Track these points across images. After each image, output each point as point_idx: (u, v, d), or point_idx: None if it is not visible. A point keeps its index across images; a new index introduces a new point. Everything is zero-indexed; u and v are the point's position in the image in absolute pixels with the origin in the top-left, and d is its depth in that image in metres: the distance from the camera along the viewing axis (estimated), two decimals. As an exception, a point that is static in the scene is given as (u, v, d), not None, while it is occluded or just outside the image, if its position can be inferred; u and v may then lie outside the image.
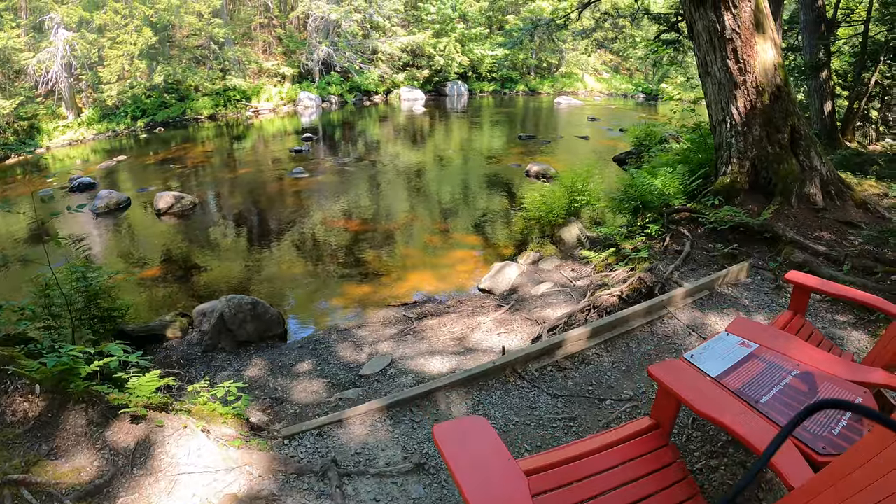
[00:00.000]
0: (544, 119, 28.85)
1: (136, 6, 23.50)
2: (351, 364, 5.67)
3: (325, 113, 29.12)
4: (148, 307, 7.83)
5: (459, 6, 35.11)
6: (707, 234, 7.64)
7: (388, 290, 8.15)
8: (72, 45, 22.24)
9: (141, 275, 8.98)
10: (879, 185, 10.10)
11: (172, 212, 12.14)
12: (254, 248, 10.24)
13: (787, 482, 2.08)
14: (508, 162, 16.91)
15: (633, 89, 42.68)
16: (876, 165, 11.48)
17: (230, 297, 6.46)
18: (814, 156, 8.59)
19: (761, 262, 6.96)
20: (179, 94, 26.54)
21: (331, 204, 12.65)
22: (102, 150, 20.87)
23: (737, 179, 8.46)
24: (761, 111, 8.32)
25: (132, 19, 23.39)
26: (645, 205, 7.94)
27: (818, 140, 9.25)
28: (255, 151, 19.78)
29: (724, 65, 8.34)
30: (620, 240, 7.43)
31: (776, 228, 7.42)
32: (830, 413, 2.69)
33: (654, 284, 5.96)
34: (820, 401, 1.22)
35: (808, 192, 8.36)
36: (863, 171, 10.90)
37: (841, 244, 7.45)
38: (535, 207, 9.17)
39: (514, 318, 6.24)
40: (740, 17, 8.11)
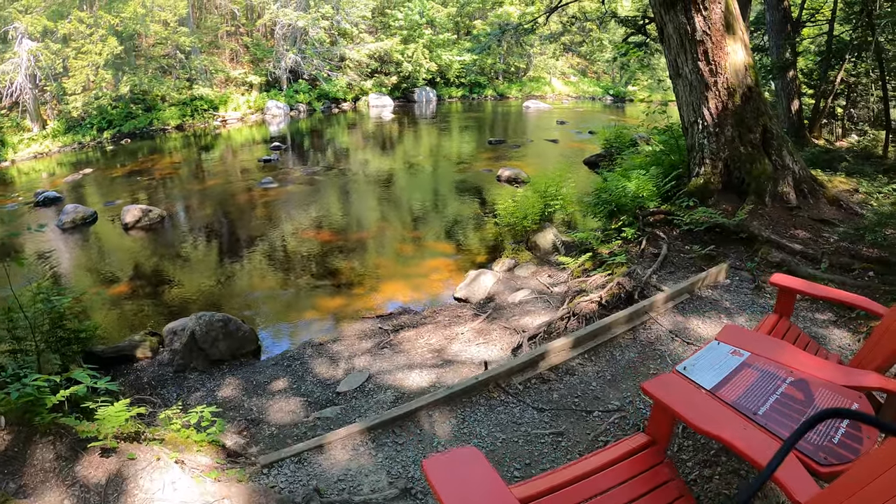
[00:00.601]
0: (513, 123, 28.89)
1: (102, 15, 23.02)
2: (328, 381, 5.49)
3: (294, 121, 28.82)
4: (117, 326, 7.57)
5: (427, 12, 35.07)
6: (683, 236, 7.61)
7: (362, 302, 7.98)
8: (36, 55, 21.77)
9: (109, 292, 8.71)
10: (849, 182, 10.20)
11: (140, 226, 11.84)
12: (224, 261, 9.99)
13: (793, 497, 2.00)
14: (479, 167, 16.82)
15: (601, 92, 43.10)
16: (845, 162, 11.62)
17: (201, 315, 6.24)
18: (786, 155, 8.64)
19: (738, 262, 6.95)
20: (146, 105, 26.07)
21: (301, 214, 12.41)
22: (68, 163, 20.41)
23: (710, 180, 8.46)
24: (733, 112, 8.34)
25: (97, 28, 22.92)
26: (619, 208, 7.88)
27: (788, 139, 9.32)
28: (224, 162, 19.45)
29: (695, 66, 8.33)
30: (597, 244, 7.35)
31: (752, 228, 7.41)
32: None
33: (633, 289, 5.89)
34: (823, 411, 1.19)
35: (781, 190, 8.40)
36: (832, 168, 11.02)
37: (816, 242, 7.48)
38: (508, 214, 9.07)
39: (492, 327, 6.11)
40: (710, 19, 8.12)
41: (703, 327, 5.28)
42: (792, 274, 6.71)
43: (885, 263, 6.56)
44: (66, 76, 22.80)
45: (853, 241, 7.13)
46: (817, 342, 4.19)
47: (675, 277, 6.50)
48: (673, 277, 6.49)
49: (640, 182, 7.95)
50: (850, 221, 8.15)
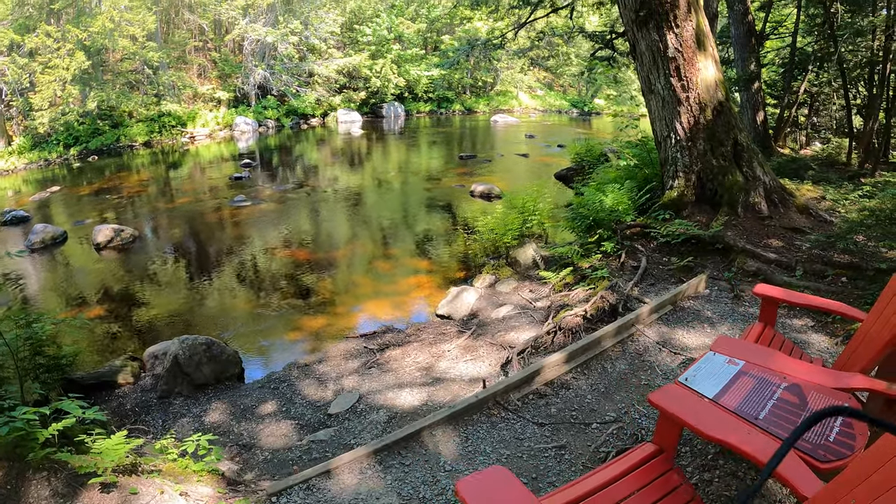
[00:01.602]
0: (482, 138, 29.08)
1: (69, 29, 22.60)
2: (317, 403, 5.43)
3: (263, 137, 28.62)
4: (95, 350, 7.38)
5: (395, 28, 35.22)
6: (661, 248, 7.75)
7: (344, 321, 7.91)
8: (2, 70, 21.37)
9: (85, 315, 8.44)
10: (816, 189, 10.47)
11: (112, 246, 11.60)
12: (200, 282, 9.83)
13: (800, 492, 2.12)
14: (451, 183, 16.87)
15: (568, 105, 43.70)
16: (811, 170, 11.93)
17: (183, 339, 6.13)
18: (756, 166, 8.85)
19: (716, 272, 7.09)
20: (113, 121, 25.64)
21: (276, 233, 12.29)
22: (35, 181, 19.98)
23: (684, 193, 8.62)
24: (705, 126, 8.51)
25: (65, 43, 22.52)
26: (597, 222, 7.98)
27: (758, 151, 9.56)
28: (194, 179, 19.20)
29: (667, 83, 8.51)
30: (577, 259, 7.42)
31: (727, 239, 7.57)
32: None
33: (617, 302, 5.97)
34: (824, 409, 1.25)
35: (752, 201, 8.59)
36: (799, 177, 11.30)
37: (789, 250, 7.65)
38: (488, 230, 9.10)
39: (478, 343, 6.12)
40: (682, 37, 8.31)
41: (687, 337, 5.38)
42: (768, 282, 6.89)
43: (855, 269, 6.75)
44: (33, 91, 22.36)
45: (824, 248, 7.31)
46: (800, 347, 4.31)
47: (656, 289, 6.60)
48: (654, 289, 6.60)
49: (616, 196, 8.09)
50: (820, 229, 8.36)
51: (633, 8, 8.53)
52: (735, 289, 6.59)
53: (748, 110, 14.67)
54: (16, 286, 9.83)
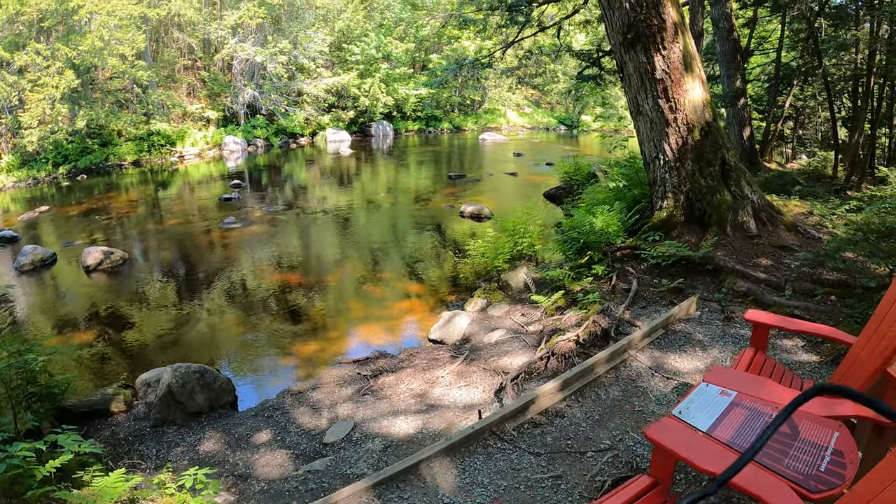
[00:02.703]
0: (471, 156, 29.22)
1: (59, 47, 22.58)
2: (312, 431, 5.41)
3: (252, 157, 28.63)
4: (87, 377, 7.32)
5: (384, 47, 35.40)
6: (651, 270, 7.80)
7: (337, 346, 7.89)
8: None
9: (75, 339, 8.41)
10: (803, 205, 10.55)
11: (102, 268, 11.54)
12: (192, 306, 9.78)
13: None
14: (441, 203, 16.91)
15: (555, 122, 43.98)
16: (798, 185, 12.02)
17: (176, 367, 6.10)
18: (744, 185, 8.94)
19: (706, 293, 7.14)
20: (102, 140, 25.63)
21: (266, 256, 12.25)
22: (23, 200, 19.90)
23: (673, 213, 8.69)
24: (693, 147, 8.60)
25: (54, 61, 22.52)
26: (588, 245, 8.02)
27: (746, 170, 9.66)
28: (183, 200, 19.14)
29: (655, 104, 8.60)
30: (568, 282, 7.44)
31: (717, 260, 7.63)
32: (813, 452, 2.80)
33: (609, 326, 6.00)
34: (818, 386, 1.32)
35: (741, 220, 8.67)
36: (786, 192, 11.39)
37: (779, 269, 7.71)
38: (479, 254, 9.11)
39: (471, 369, 6.12)
40: (670, 59, 8.41)
41: (679, 362, 5.41)
42: (758, 302, 6.95)
43: (844, 286, 6.82)
44: (22, 109, 22.32)
45: (813, 266, 7.38)
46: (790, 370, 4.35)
47: (647, 312, 6.64)
48: (645, 312, 6.64)
49: (606, 218, 8.14)
50: (808, 246, 8.42)
51: (621, 30, 8.64)
52: (725, 310, 6.63)
53: (735, 126, 14.84)
54: (5, 309, 9.76)
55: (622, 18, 8.59)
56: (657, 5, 8.37)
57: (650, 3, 8.36)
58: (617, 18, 8.71)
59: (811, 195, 11.25)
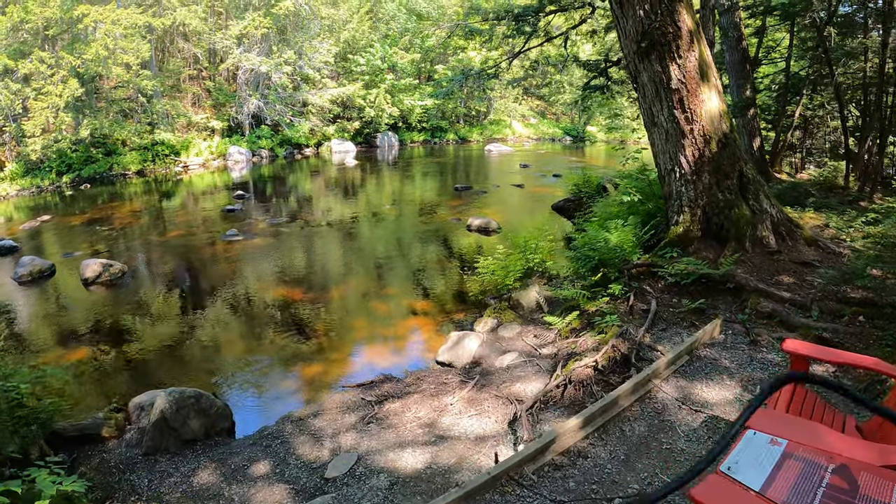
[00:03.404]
0: (477, 168, 28.95)
1: (63, 56, 22.43)
2: (313, 464, 5.03)
3: (256, 167, 28.40)
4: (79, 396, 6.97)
5: (389, 57, 35.21)
6: (669, 289, 7.43)
7: (340, 368, 7.53)
8: None
9: (69, 356, 8.10)
10: (819, 217, 10.26)
11: (100, 281, 11.23)
12: (189, 323, 9.43)
13: None
14: (448, 216, 16.56)
15: (561, 133, 43.73)
16: (812, 197, 11.72)
17: (171, 391, 5.74)
18: (763, 198, 8.61)
19: (729, 314, 6.79)
20: (106, 149, 25.41)
21: (268, 271, 11.87)
22: (26, 208, 19.74)
23: (689, 228, 8.36)
24: (710, 159, 8.28)
25: (58, 69, 22.36)
26: (603, 262, 7.61)
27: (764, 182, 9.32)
28: (186, 211, 18.88)
29: (670, 115, 8.29)
30: (583, 302, 7.04)
31: (738, 278, 7.28)
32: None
33: (629, 351, 5.62)
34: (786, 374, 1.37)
35: (760, 235, 8.34)
36: (800, 204, 11.08)
37: (801, 287, 7.38)
38: (489, 272, 8.71)
39: (482, 396, 5.74)
40: (685, 68, 8.10)
41: (707, 391, 5.04)
42: (784, 324, 6.59)
43: (871, 305, 6.48)
44: (26, 117, 22.17)
45: (837, 283, 7.03)
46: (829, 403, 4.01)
47: (668, 335, 6.27)
48: (666, 335, 6.26)
49: (621, 233, 7.75)
50: (829, 262, 8.11)
51: (635, 39, 8.34)
52: (750, 332, 6.28)
53: (745, 137, 14.54)
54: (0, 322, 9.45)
55: (636, 26, 8.29)
56: (672, 12, 8.08)
57: (665, 10, 8.06)
58: (630, 26, 8.41)
59: (826, 207, 10.98)
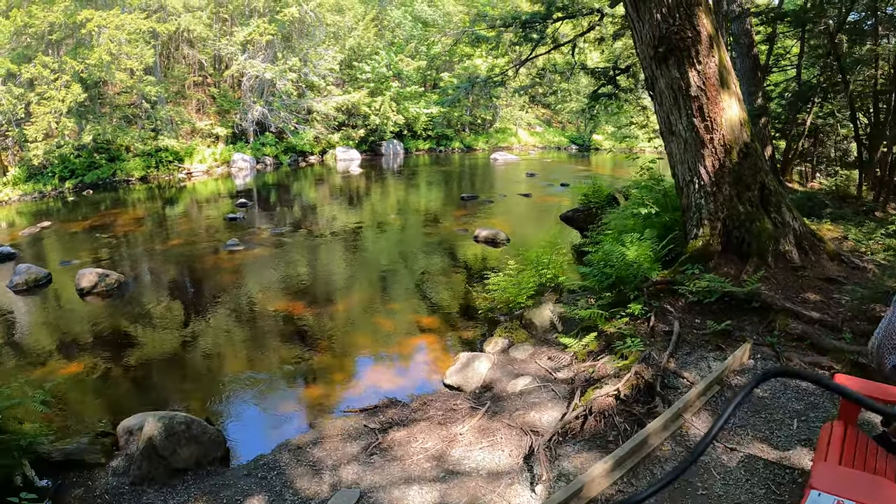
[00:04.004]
0: (483, 177, 28.62)
1: (66, 61, 22.19)
2: (311, 500, 4.58)
3: (260, 175, 28.10)
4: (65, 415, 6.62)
5: (394, 65, 34.91)
6: (690, 308, 7.01)
7: (342, 390, 7.10)
8: None
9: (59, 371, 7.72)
10: (836, 229, 9.96)
11: (96, 291, 10.86)
12: (185, 339, 9.02)
13: None
14: (454, 227, 16.15)
15: (566, 142, 43.48)
16: (829, 208, 11.38)
17: (160, 417, 5.32)
18: (785, 211, 8.24)
19: (756, 336, 6.37)
20: (110, 155, 25.15)
21: (269, 283, 11.44)
22: (28, 213, 19.53)
23: (709, 242, 7.97)
24: (730, 170, 7.92)
25: (61, 74, 22.12)
26: (621, 279, 7.14)
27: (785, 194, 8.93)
28: (188, 218, 18.55)
29: (689, 123, 7.93)
30: (601, 322, 6.58)
31: (765, 297, 6.86)
32: None
33: (653, 379, 5.18)
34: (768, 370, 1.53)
35: (783, 249, 7.98)
36: (816, 215, 10.78)
37: (829, 305, 7.01)
38: (500, 289, 8.21)
39: (494, 425, 5.29)
40: (705, 74, 7.74)
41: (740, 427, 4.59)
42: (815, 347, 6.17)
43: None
44: (28, 122, 21.93)
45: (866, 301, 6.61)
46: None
47: (692, 360, 5.84)
48: (691, 360, 5.83)
49: (640, 249, 7.30)
50: (854, 278, 7.78)
51: (652, 43, 7.98)
52: (781, 357, 5.89)
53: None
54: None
55: (653, 30, 7.95)
56: (691, 16, 7.75)
57: (683, 13, 7.72)
58: (647, 31, 8.07)
59: (842, 218, 10.71)
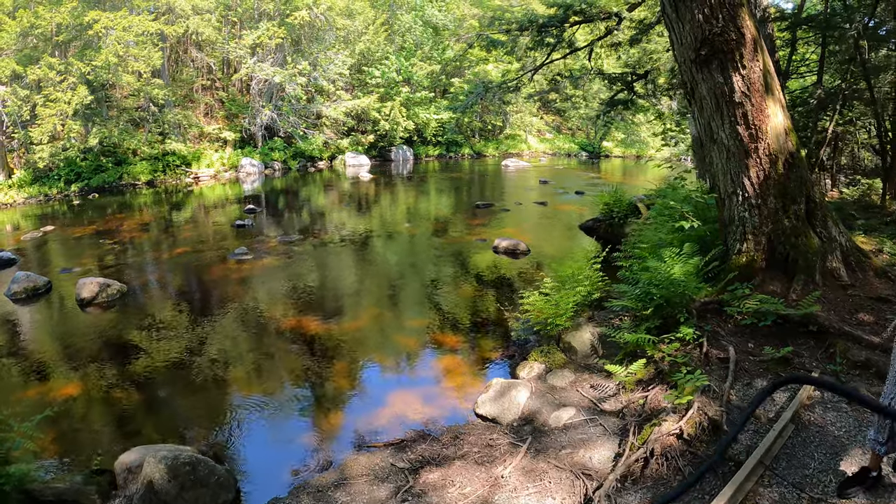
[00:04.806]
0: (496, 184, 28.18)
1: (73, 62, 21.92)
2: (337, 560, 4.07)
3: (268, 180, 27.72)
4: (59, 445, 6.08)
5: (405, 70, 34.47)
6: (740, 330, 6.47)
7: (362, 420, 6.46)
8: (3, 99, 20.77)
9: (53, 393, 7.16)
10: (870, 241, 9.50)
11: (97, 302, 10.37)
12: (190, 358, 8.35)
13: None
14: (471, 236, 15.60)
15: (577, 148, 43.14)
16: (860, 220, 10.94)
17: (163, 456, 4.73)
18: (831, 225, 7.72)
19: (814, 362, 5.81)
20: (116, 158, 24.89)
21: (280, 297, 10.84)
22: (33, 216, 19.22)
23: (753, 258, 7.46)
24: (776, 181, 7.40)
25: (68, 76, 21.84)
26: (667, 300, 6.55)
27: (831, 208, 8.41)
28: (195, 224, 18.07)
29: (733, 131, 7.42)
30: (650, 348, 6.00)
31: (822, 320, 6.32)
32: None
33: (718, 416, 4.63)
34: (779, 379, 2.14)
35: (831, 266, 7.46)
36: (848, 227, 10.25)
37: (883, 327, 6.45)
38: (535, 310, 7.50)
39: (541, 465, 4.72)
40: (750, 79, 7.24)
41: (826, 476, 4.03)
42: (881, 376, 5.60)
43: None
44: (34, 124, 21.67)
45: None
46: None
47: (752, 390, 5.27)
48: (752, 391, 5.26)
49: (685, 266, 6.72)
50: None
51: (693, 46, 7.48)
52: (846, 385, 5.32)
53: (780, 156, 13.69)
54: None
55: (694, 32, 7.45)
56: (735, 17, 7.27)
57: (727, 14, 7.24)
58: (687, 32, 7.56)
59: (874, 229, 10.32)
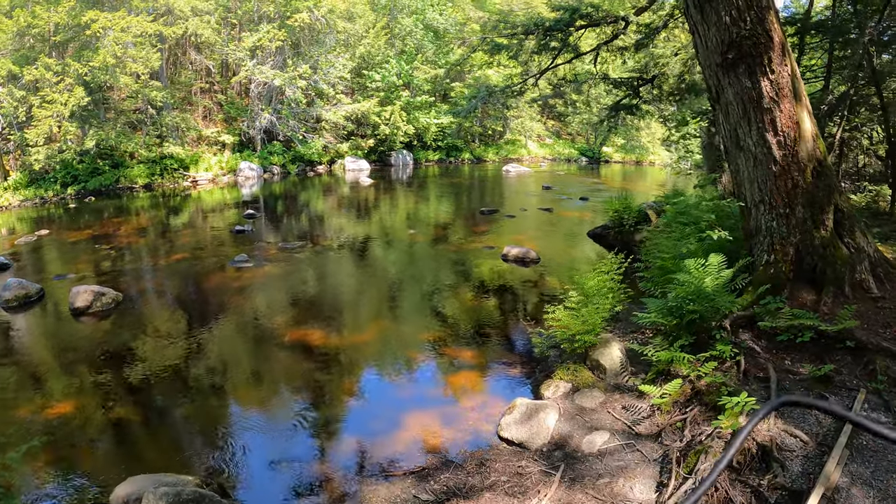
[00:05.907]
0: (498, 189, 27.98)
1: (70, 63, 21.60)
2: None
3: (267, 184, 27.41)
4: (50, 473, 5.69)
5: (405, 74, 34.18)
6: (774, 346, 6.17)
7: (378, 445, 6.01)
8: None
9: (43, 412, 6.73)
10: (887, 249, 9.22)
11: (91, 312, 9.99)
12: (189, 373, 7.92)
13: None
14: (478, 244, 15.21)
15: (577, 154, 43.03)
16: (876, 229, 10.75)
17: (164, 493, 4.29)
18: (859, 236, 7.46)
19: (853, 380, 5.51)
20: (113, 161, 24.62)
21: (282, 308, 10.43)
22: (28, 220, 18.91)
23: (781, 269, 7.19)
24: (804, 190, 7.14)
25: (64, 77, 21.49)
26: (701, 315, 6.20)
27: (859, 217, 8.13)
28: (193, 229, 17.71)
29: (761, 138, 7.15)
30: (685, 367, 5.65)
31: (859, 335, 6.02)
32: None
33: (768, 441, 4.32)
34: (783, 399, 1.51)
35: (860, 278, 7.20)
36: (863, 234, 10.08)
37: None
38: (561, 327, 7.05)
39: (578, 496, 4.34)
40: (778, 84, 6.97)
41: None
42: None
43: None
44: (30, 125, 21.34)
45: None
46: None
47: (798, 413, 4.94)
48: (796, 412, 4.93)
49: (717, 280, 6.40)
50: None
51: (719, 49, 7.23)
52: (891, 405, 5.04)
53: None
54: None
55: (720, 35, 7.20)
56: (763, 20, 7.02)
57: (755, 17, 6.99)
58: (713, 35, 7.31)
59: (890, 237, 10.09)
